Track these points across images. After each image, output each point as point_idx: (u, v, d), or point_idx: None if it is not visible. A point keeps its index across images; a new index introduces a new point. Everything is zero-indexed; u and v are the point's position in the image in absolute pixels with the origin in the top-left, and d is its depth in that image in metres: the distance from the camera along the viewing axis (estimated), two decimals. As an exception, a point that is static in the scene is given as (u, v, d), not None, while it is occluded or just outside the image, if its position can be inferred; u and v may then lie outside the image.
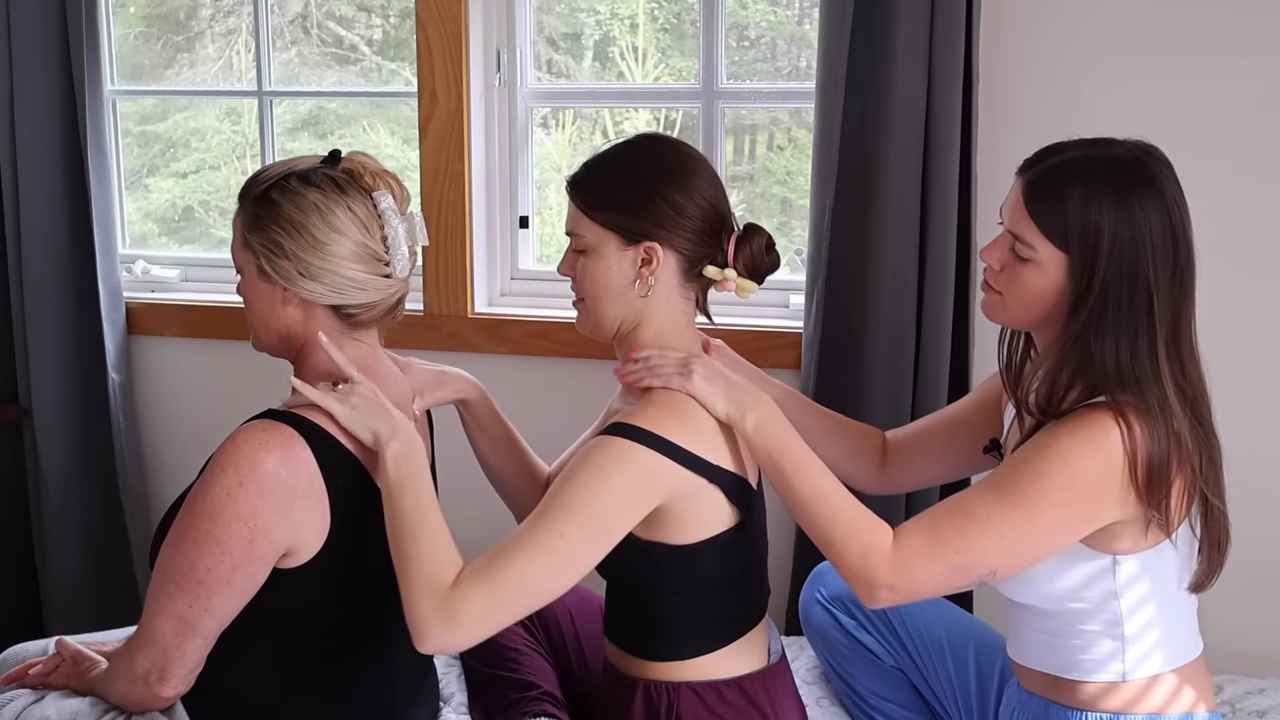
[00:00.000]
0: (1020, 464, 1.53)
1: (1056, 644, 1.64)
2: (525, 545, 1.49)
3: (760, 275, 1.68)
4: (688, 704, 1.64)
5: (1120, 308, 1.52)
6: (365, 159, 1.63)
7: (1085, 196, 1.52)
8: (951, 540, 1.51)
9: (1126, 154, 1.56)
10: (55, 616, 2.81)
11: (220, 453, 1.53)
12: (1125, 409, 1.51)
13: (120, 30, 2.90)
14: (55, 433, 2.76)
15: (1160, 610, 1.61)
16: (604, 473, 1.51)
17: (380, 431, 1.56)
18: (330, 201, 1.57)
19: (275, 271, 1.58)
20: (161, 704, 1.60)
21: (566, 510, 1.50)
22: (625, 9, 2.66)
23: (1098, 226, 1.51)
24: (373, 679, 1.69)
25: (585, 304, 1.69)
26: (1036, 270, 1.57)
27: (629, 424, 1.54)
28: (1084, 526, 1.54)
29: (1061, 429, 1.53)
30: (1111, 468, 1.50)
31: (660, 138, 1.75)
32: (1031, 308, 1.60)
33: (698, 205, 1.63)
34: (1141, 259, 1.51)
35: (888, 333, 2.28)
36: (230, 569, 1.51)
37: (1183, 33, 2.21)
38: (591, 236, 1.64)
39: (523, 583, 1.48)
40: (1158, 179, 1.54)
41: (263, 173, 1.62)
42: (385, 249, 1.60)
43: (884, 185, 2.25)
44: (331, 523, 1.56)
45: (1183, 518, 1.55)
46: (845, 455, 1.93)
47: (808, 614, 2.03)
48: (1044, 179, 1.57)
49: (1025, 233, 1.57)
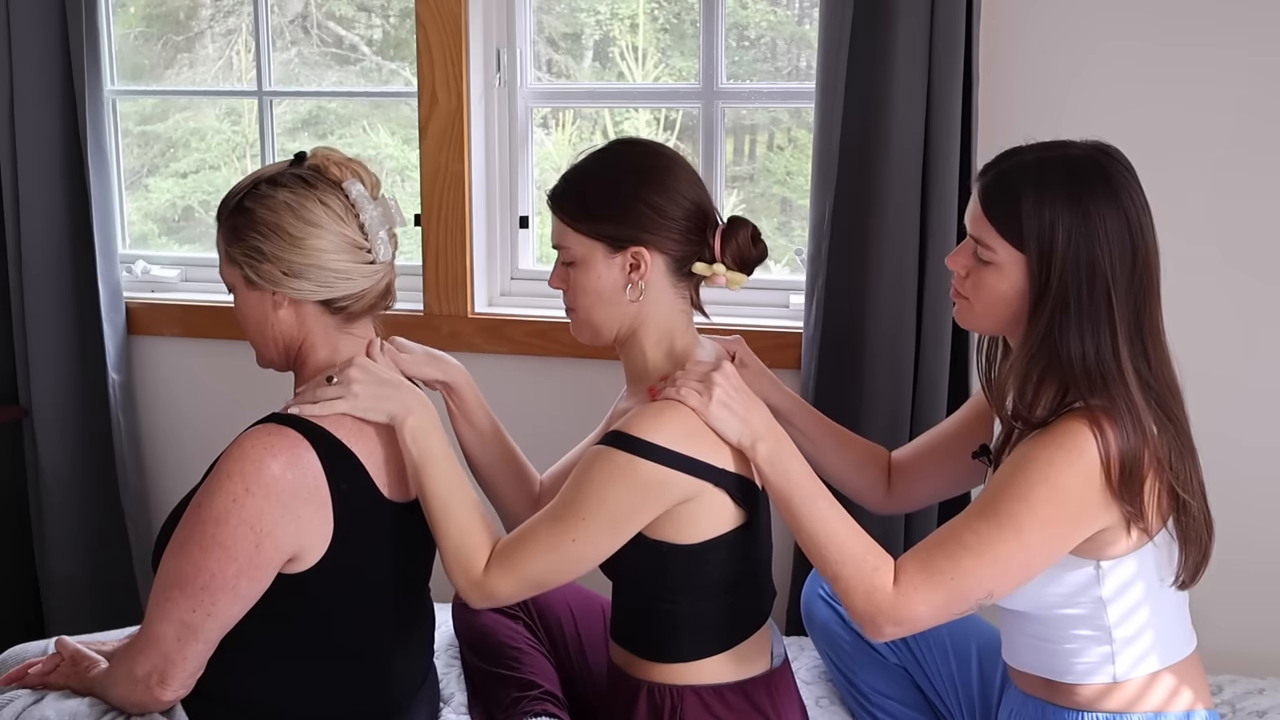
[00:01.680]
0: (1002, 485, 1.54)
1: (1048, 648, 1.65)
2: (543, 542, 1.57)
3: (749, 266, 1.68)
4: (691, 707, 1.64)
5: (1080, 304, 1.54)
6: (329, 151, 1.64)
7: (1039, 196, 1.54)
8: (945, 569, 1.53)
9: (1081, 153, 1.58)
10: (55, 616, 2.81)
11: (225, 458, 1.53)
12: (1098, 415, 1.52)
13: (120, 30, 2.90)
14: (55, 433, 2.76)
15: (1149, 611, 1.61)
16: (608, 487, 1.54)
17: (394, 412, 1.59)
18: (300, 198, 1.58)
19: (260, 277, 1.58)
20: (161, 707, 1.60)
21: (577, 518, 1.55)
22: (625, 9, 2.66)
23: (1052, 224, 1.53)
24: (373, 680, 1.69)
25: (579, 314, 1.69)
26: (997, 273, 1.58)
27: (628, 434, 1.55)
28: (1072, 537, 1.54)
29: (1038, 443, 1.54)
30: (1091, 475, 1.51)
31: (634, 141, 1.75)
32: (997, 311, 1.61)
33: (679, 205, 1.63)
34: (1097, 255, 1.53)
35: (888, 333, 2.28)
36: (236, 574, 1.51)
37: (1183, 32, 2.21)
38: (578, 248, 1.65)
39: (544, 573, 1.59)
40: (1113, 177, 1.56)
41: (234, 188, 1.64)
42: (364, 235, 1.61)
43: (884, 185, 2.24)
44: (335, 527, 1.56)
45: (1157, 514, 1.56)
46: (854, 470, 1.93)
47: (810, 610, 2.03)
48: (999, 182, 1.59)
49: (984, 235, 1.59)
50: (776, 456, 1.59)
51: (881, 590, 1.54)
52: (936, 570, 1.53)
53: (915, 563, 1.55)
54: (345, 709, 1.67)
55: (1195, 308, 2.24)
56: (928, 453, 1.91)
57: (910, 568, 1.55)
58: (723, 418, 1.57)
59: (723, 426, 1.57)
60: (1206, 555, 1.61)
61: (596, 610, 1.96)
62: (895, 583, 1.54)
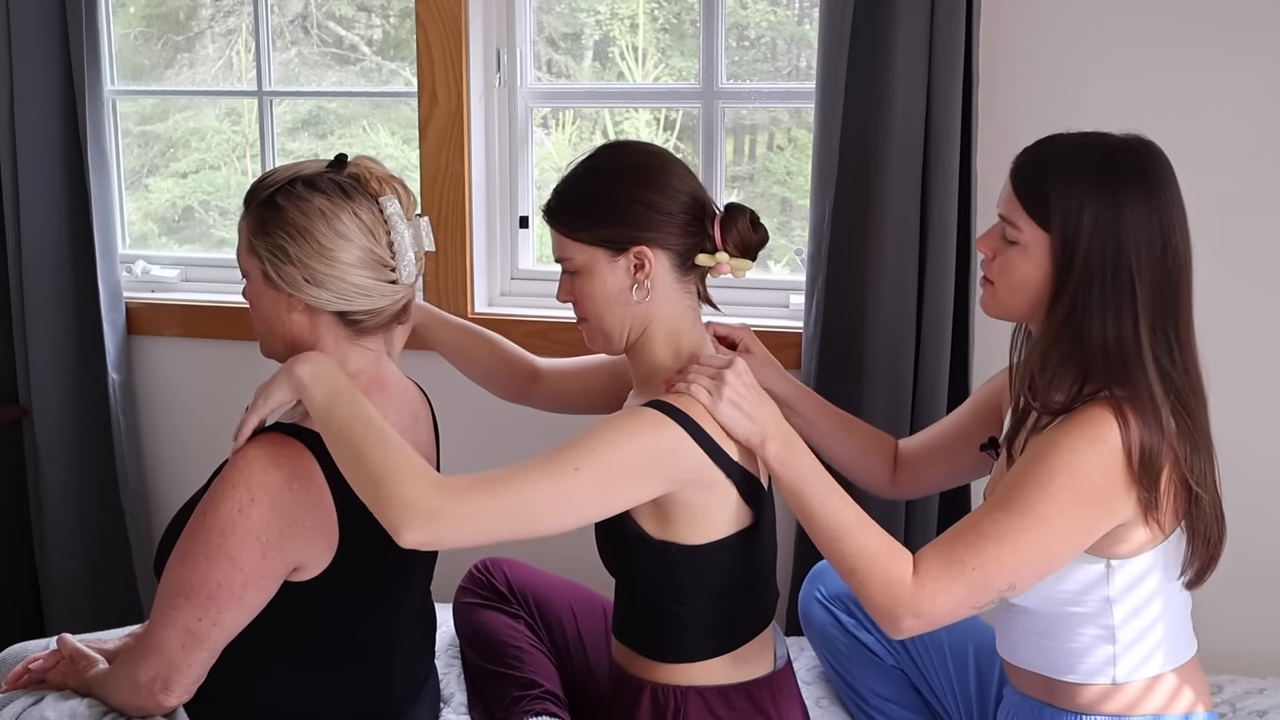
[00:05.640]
0: (1023, 473, 1.53)
1: (1051, 646, 1.64)
2: (536, 467, 1.48)
3: (752, 252, 1.68)
4: (694, 708, 1.64)
5: (1104, 288, 1.53)
6: (371, 164, 1.61)
7: (1069, 177, 1.55)
8: (966, 560, 1.50)
9: (1118, 143, 1.59)
10: (55, 616, 2.81)
11: (230, 468, 1.52)
12: (1121, 404, 1.51)
13: (120, 30, 2.90)
14: (55, 433, 2.76)
15: (1153, 614, 1.60)
16: (635, 433, 1.52)
17: (293, 372, 1.52)
18: (336, 207, 1.55)
19: (280, 277, 1.56)
20: (163, 712, 1.60)
21: (589, 450, 1.49)
22: (625, 9, 2.66)
23: (1080, 206, 1.53)
24: (374, 682, 1.69)
25: (590, 323, 1.68)
26: (1022, 254, 1.59)
27: (667, 402, 1.55)
28: (1097, 526, 1.53)
29: (1060, 430, 1.53)
30: (1113, 462, 1.50)
31: (620, 143, 1.75)
32: (1020, 295, 1.61)
33: (675, 199, 1.63)
34: (1124, 241, 1.53)
35: (888, 333, 2.28)
36: (242, 584, 1.51)
37: (1184, 31, 2.21)
38: (580, 257, 1.64)
39: (520, 501, 1.45)
40: (1148, 167, 1.56)
41: (268, 177, 1.61)
42: (391, 255, 1.58)
43: (884, 185, 2.25)
44: (340, 535, 1.56)
45: (1171, 507, 1.55)
46: (860, 456, 1.93)
47: (807, 613, 2.03)
48: (1033, 163, 1.60)
49: (1012, 214, 1.60)
50: (787, 454, 1.58)
51: (900, 582, 1.51)
52: (956, 560, 1.50)
53: (935, 554, 1.52)
54: (346, 711, 1.68)
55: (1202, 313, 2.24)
56: (936, 445, 1.91)
57: (930, 559, 1.52)
58: (732, 415, 1.57)
59: (732, 424, 1.57)
60: (1215, 554, 1.60)
61: (598, 610, 1.96)
62: (915, 574, 1.51)
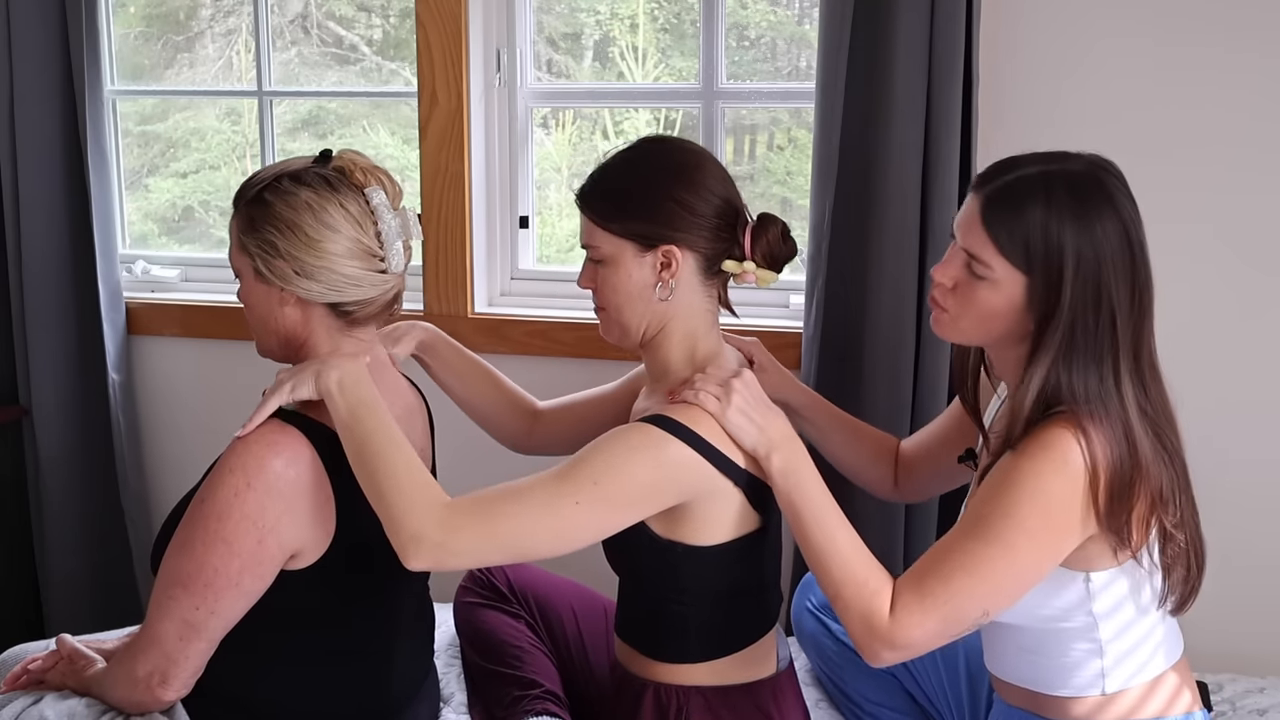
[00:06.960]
0: (990, 500, 1.51)
1: (1040, 662, 1.63)
2: (537, 499, 1.48)
3: (779, 264, 1.66)
4: (697, 708, 1.64)
5: (1088, 332, 1.50)
6: (356, 156, 1.63)
7: (1045, 216, 1.49)
8: (938, 593, 1.49)
9: (1083, 169, 1.53)
10: (55, 616, 2.81)
11: (228, 454, 1.53)
12: (1081, 420, 1.48)
13: (120, 30, 2.90)
14: (55, 433, 2.76)
15: (1141, 628, 1.59)
16: (634, 455, 1.51)
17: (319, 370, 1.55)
18: (323, 199, 1.57)
19: (271, 272, 1.58)
20: (162, 707, 1.60)
21: (588, 480, 1.49)
22: (625, 9, 2.66)
23: (1060, 248, 1.48)
24: (374, 678, 1.69)
25: (608, 313, 1.67)
26: (992, 288, 1.53)
27: (666, 416, 1.55)
28: (1062, 547, 1.51)
29: (1022, 455, 1.50)
30: (1076, 483, 1.48)
31: (662, 139, 1.74)
32: (988, 325, 1.56)
33: (709, 202, 1.62)
34: (1105, 279, 1.49)
35: (887, 333, 2.28)
36: (239, 570, 1.51)
37: (1184, 32, 2.21)
38: (608, 247, 1.63)
39: (521, 536, 1.48)
40: (1114, 195, 1.51)
41: (255, 176, 1.63)
42: (379, 245, 1.61)
43: (884, 185, 2.24)
44: (337, 524, 1.56)
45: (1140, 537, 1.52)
46: (867, 463, 1.93)
47: (799, 622, 2.04)
48: (1002, 196, 1.51)
49: (982, 252, 1.52)
50: (791, 468, 1.57)
51: (878, 616, 1.50)
52: (929, 594, 1.49)
53: (909, 587, 1.51)
54: (345, 707, 1.68)
55: (1196, 310, 2.24)
56: (931, 449, 1.91)
57: (904, 593, 1.50)
58: (740, 425, 1.56)
59: (740, 433, 1.56)
60: (1195, 587, 1.58)
61: (599, 610, 1.96)
62: (891, 610, 1.50)
